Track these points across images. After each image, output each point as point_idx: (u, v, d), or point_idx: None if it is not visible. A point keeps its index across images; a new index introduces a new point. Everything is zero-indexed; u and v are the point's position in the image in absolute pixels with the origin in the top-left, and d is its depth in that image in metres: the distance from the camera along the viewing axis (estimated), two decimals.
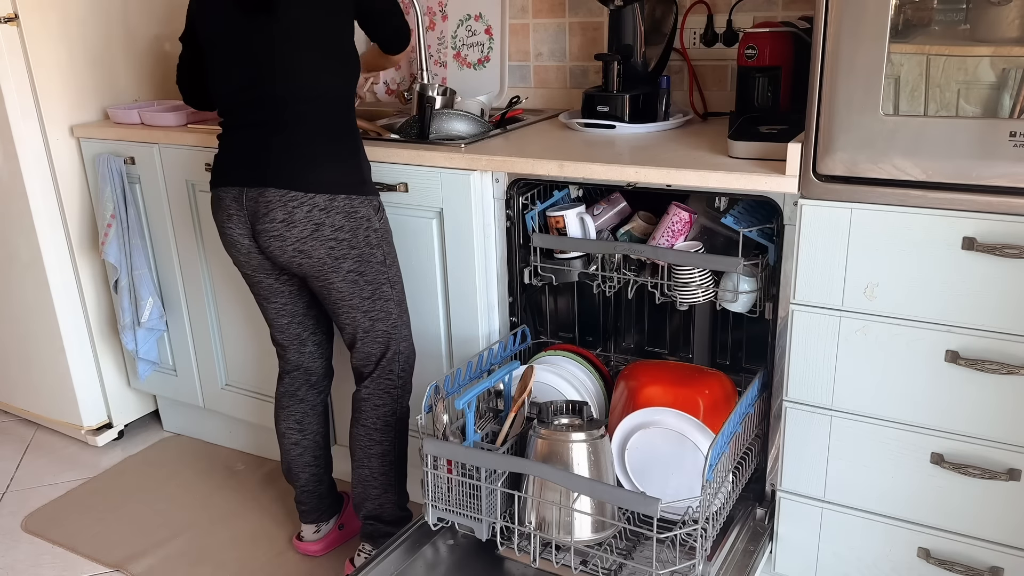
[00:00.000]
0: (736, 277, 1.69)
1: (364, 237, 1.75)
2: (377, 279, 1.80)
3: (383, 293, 1.81)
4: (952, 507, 1.52)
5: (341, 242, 1.72)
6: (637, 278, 1.83)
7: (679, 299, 1.75)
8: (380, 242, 1.78)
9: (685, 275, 1.73)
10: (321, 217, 1.69)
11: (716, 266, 1.69)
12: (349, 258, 1.74)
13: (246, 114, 1.73)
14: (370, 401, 1.88)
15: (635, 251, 1.77)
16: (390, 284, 1.82)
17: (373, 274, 1.78)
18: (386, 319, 1.83)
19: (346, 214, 1.71)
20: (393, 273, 1.83)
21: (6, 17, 2.24)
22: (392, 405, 1.89)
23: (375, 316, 1.82)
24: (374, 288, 1.80)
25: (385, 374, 1.87)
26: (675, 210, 1.74)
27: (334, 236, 1.71)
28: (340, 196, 1.70)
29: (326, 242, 1.71)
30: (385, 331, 1.84)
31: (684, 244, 1.73)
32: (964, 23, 1.31)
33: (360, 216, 1.73)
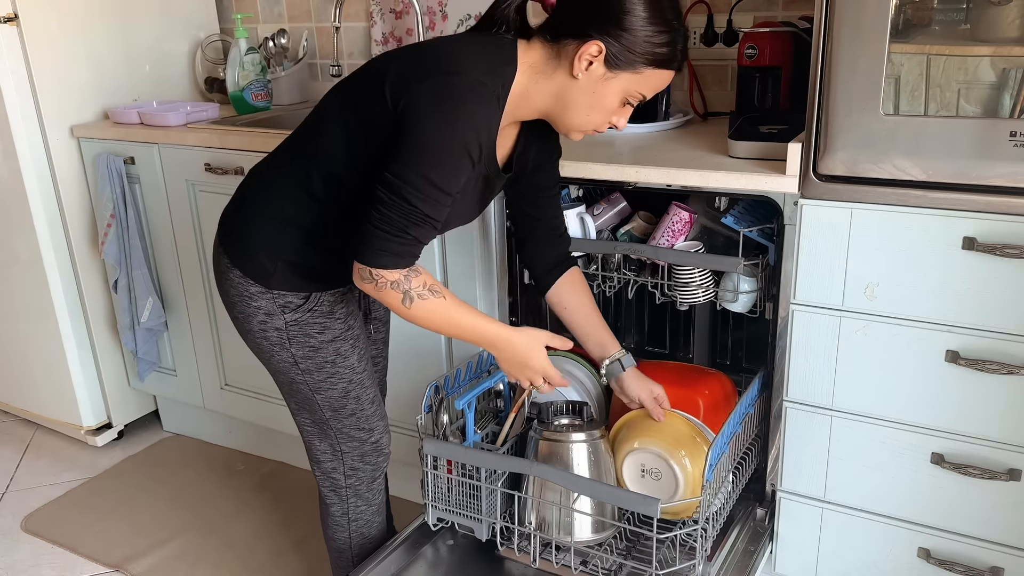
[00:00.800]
0: (736, 277, 1.69)
1: (259, 330, 1.46)
2: (287, 375, 1.51)
3: (299, 391, 1.53)
4: (952, 507, 1.52)
5: (235, 319, 1.49)
6: (637, 278, 1.83)
7: (679, 299, 1.75)
8: (284, 343, 1.46)
9: (685, 275, 1.72)
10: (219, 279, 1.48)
11: (716, 266, 1.69)
12: (247, 340, 1.51)
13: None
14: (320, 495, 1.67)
15: (635, 251, 1.77)
16: (309, 388, 1.51)
17: (279, 368, 1.51)
18: (311, 416, 1.57)
19: (237, 293, 1.45)
20: (315, 379, 1.50)
21: (6, 17, 2.24)
22: (340, 505, 1.65)
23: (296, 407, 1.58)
24: (285, 382, 1.53)
25: (328, 471, 1.63)
26: (675, 210, 1.74)
27: (229, 310, 1.49)
28: (235, 271, 1.44)
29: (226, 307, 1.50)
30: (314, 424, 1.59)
31: (684, 244, 1.73)
32: (964, 23, 1.31)
33: (254, 305, 1.44)
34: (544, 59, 1.35)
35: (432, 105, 1.25)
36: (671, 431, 1.56)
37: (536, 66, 1.35)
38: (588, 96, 1.34)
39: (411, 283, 1.32)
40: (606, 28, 1.28)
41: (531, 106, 1.38)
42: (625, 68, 1.31)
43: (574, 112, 1.36)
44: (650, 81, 1.34)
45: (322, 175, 1.38)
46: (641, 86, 1.34)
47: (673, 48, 1.31)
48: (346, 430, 1.58)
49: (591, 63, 1.30)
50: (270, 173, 1.46)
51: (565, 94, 1.35)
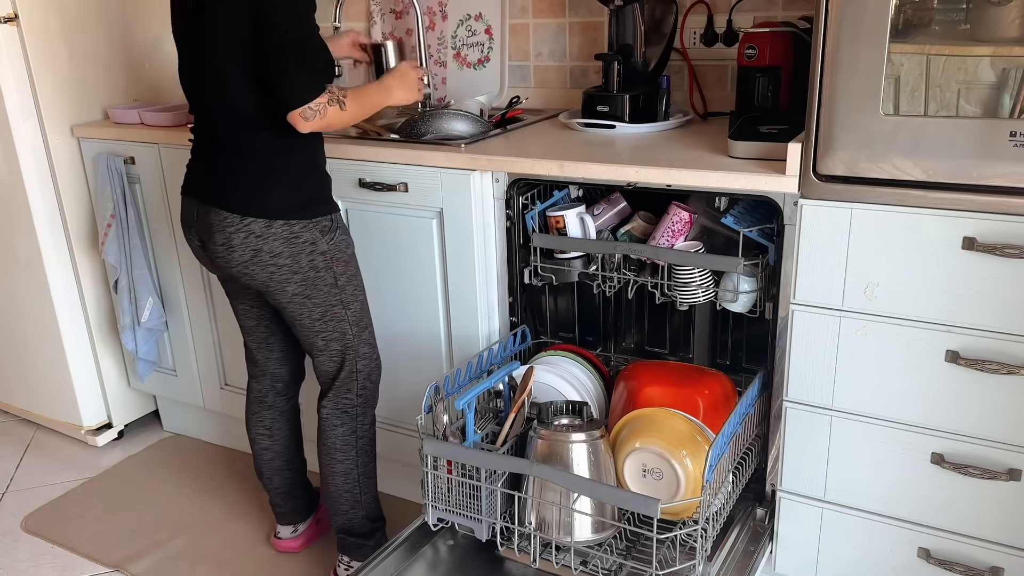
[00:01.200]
0: (736, 277, 1.69)
1: (308, 261, 1.69)
2: (327, 301, 1.74)
3: (335, 314, 1.76)
4: (952, 507, 1.52)
5: (281, 268, 1.67)
6: (637, 278, 1.83)
7: (679, 299, 1.75)
8: (329, 264, 1.71)
9: (685, 275, 1.72)
10: (258, 244, 1.65)
11: (716, 266, 1.69)
12: (292, 282, 1.69)
13: (200, 128, 1.72)
14: (328, 420, 1.85)
15: (635, 251, 1.77)
16: (343, 305, 1.76)
17: (322, 296, 1.73)
18: (340, 339, 1.78)
19: (284, 240, 1.65)
20: (348, 293, 1.76)
21: (6, 17, 2.24)
22: (350, 424, 1.85)
23: (328, 336, 1.77)
24: (324, 310, 1.74)
25: (342, 393, 1.83)
26: (675, 210, 1.74)
27: (273, 262, 1.66)
28: (278, 223, 1.64)
29: (266, 267, 1.67)
30: (339, 350, 1.79)
31: (684, 244, 1.73)
32: (964, 23, 1.31)
33: (302, 241, 1.67)
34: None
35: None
36: (672, 431, 1.56)
37: None
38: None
39: (335, 93, 1.59)
40: None
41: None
42: None
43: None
44: None
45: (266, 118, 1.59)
46: None
47: None
48: (364, 347, 1.82)
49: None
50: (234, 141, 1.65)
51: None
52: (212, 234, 1.67)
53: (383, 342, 2.06)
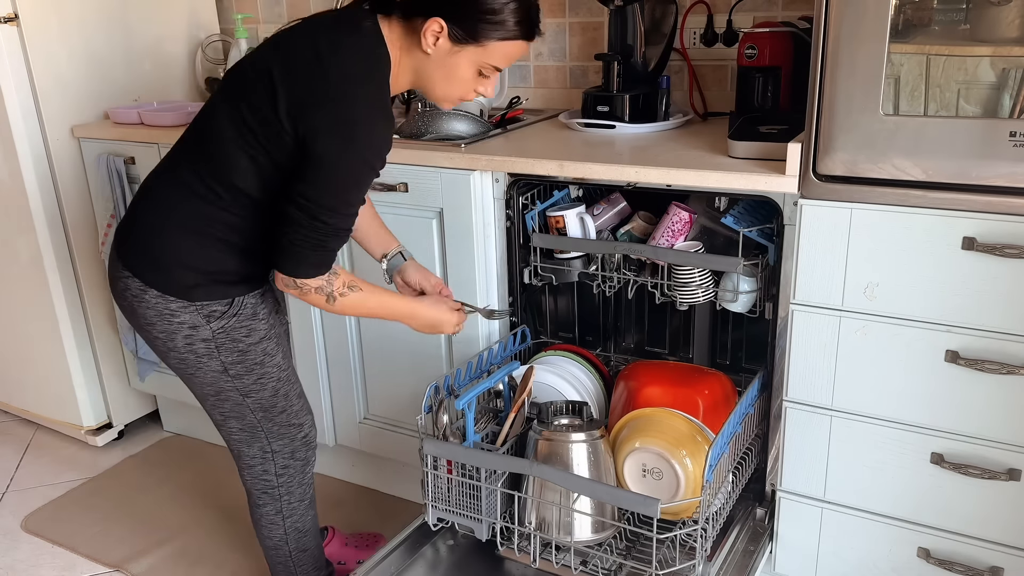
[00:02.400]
0: (736, 277, 1.69)
1: (186, 344, 1.46)
2: (216, 384, 1.51)
3: (228, 397, 1.53)
4: (952, 507, 1.52)
5: (156, 339, 1.47)
6: (637, 278, 1.83)
7: (679, 299, 1.75)
8: (213, 352, 1.47)
9: (685, 275, 1.73)
10: (133, 304, 1.45)
11: (716, 266, 1.69)
12: (170, 357, 1.50)
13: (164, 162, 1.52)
14: (250, 495, 1.69)
15: (635, 251, 1.77)
16: (239, 392, 1.52)
17: (210, 379, 1.51)
18: (240, 420, 1.57)
19: (157, 313, 1.43)
20: (246, 383, 1.52)
21: (6, 17, 2.24)
22: (274, 504, 1.67)
23: (225, 414, 1.57)
24: (215, 391, 1.53)
25: (257, 473, 1.65)
26: (675, 210, 1.74)
27: (147, 331, 1.47)
28: (152, 291, 1.42)
29: (142, 330, 1.48)
30: (242, 429, 1.59)
31: (684, 244, 1.73)
32: (964, 23, 1.31)
33: (178, 320, 1.44)
34: (401, 36, 1.40)
35: (336, 135, 1.31)
36: (672, 431, 1.56)
37: (396, 44, 1.41)
38: (441, 71, 1.40)
39: (333, 286, 1.43)
40: (447, 5, 1.34)
41: (400, 83, 1.44)
42: (469, 43, 1.36)
43: (433, 86, 1.44)
44: (499, 52, 1.38)
45: (226, 187, 1.40)
46: (490, 58, 1.39)
47: (512, 15, 1.35)
48: (277, 429, 1.61)
49: (437, 39, 1.36)
50: (171, 186, 1.45)
51: (422, 69, 1.42)
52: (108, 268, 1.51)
53: (384, 342, 2.06)
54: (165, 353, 1.50)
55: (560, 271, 1.92)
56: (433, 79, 1.42)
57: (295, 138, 1.34)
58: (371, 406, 2.17)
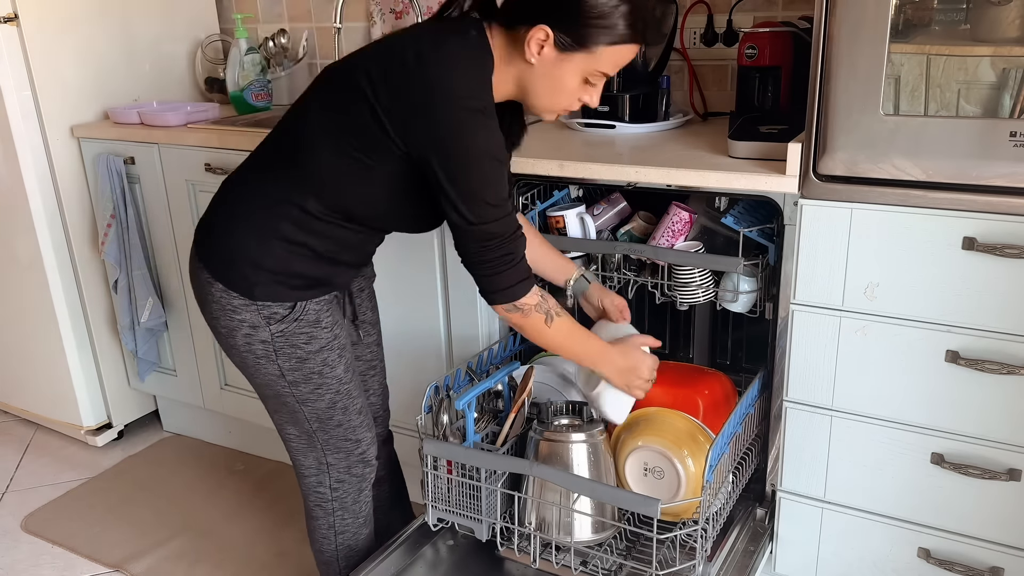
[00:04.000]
0: (736, 277, 1.69)
1: (245, 343, 1.44)
2: (273, 388, 1.50)
3: (285, 403, 1.51)
4: (952, 507, 1.51)
5: (219, 333, 1.46)
6: (637, 278, 1.83)
7: (679, 299, 1.75)
8: (271, 355, 1.44)
9: (685, 275, 1.72)
10: (202, 294, 1.44)
11: (716, 266, 1.69)
12: (233, 353, 1.48)
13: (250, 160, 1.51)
14: (305, 506, 1.66)
15: (635, 251, 1.77)
16: (296, 400, 1.50)
17: (267, 381, 1.49)
18: (297, 426, 1.56)
19: (220, 307, 1.42)
20: (302, 391, 1.49)
21: (6, 17, 2.24)
22: (326, 519, 1.64)
23: (282, 419, 1.57)
24: (274, 392, 1.51)
25: (312, 485, 1.62)
26: (675, 210, 1.74)
27: (212, 324, 1.46)
28: (217, 284, 1.41)
29: (209, 321, 1.47)
30: (298, 435, 1.58)
31: (684, 244, 1.73)
32: (964, 23, 1.31)
33: (239, 318, 1.41)
34: (503, 45, 1.35)
35: (456, 146, 1.27)
36: (673, 430, 1.56)
37: (499, 53, 1.35)
38: (546, 80, 1.34)
39: (548, 302, 1.41)
40: (552, 11, 1.27)
41: (500, 92, 1.37)
42: (576, 49, 1.30)
43: (536, 96, 1.38)
44: (608, 58, 1.32)
45: (318, 197, 1.36)
46: (599, 65, 1.32)
47: (624, 23, 1.28)
48: (333, 441, 1.56)
49: (542, 47, 1.30)
50: (254, 184, 1.43)
51: (525, 79, 1.36)
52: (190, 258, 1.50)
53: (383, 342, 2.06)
54: (227, 350, 1.49)
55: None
56: (537, 90, 1.35)
57: (404, 151, 1.30)
58: None
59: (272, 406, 1.56)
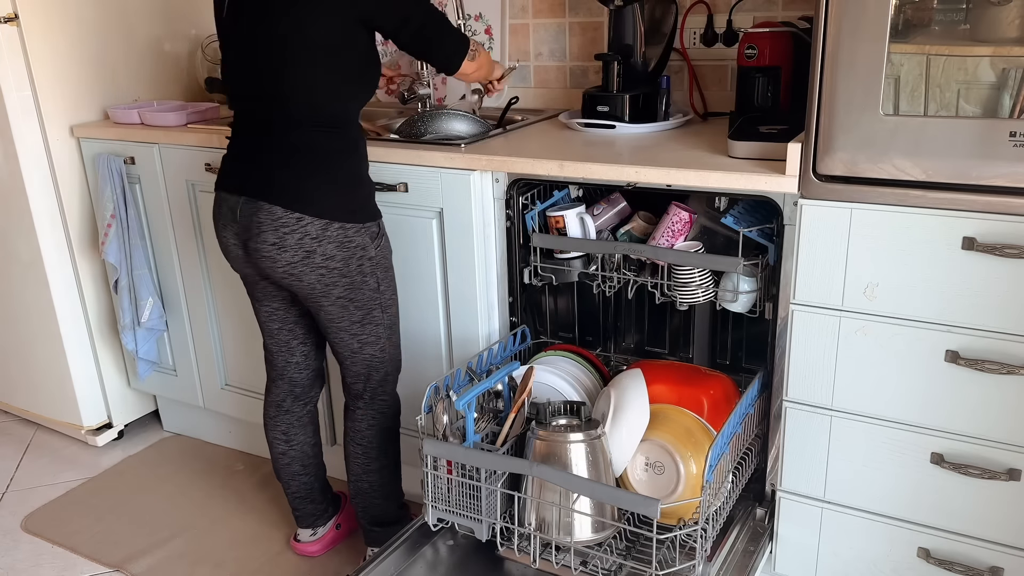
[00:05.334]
0: (736, 277, 1.69)
1: (357, 266, 1.70)
2: (368, 304, 1.76)
3: (373, 318, 1.78)
4: (952, 507, 1.52)
5: (332, 270, 1.68)
6: (637, 278, 1.83)
7: (679, 299, 1.75)
8: (374, 269, 1.73)
9: (685, 275, 1.72)
10: (312, 245, 1.64)
11: (716, 266, 1.69)
12: (339, 285, 1.70)
13: (250, 121, 1.70)
14: (364, 422, 1.87)
15: (635, 251, 1.77)
16: (381, 308, 1.78)
17: (364, 300, 1.75)
18: (375, 343, 1.80)
19: (339, 243, 1.66)
20: (387, 298, 1.79)
21: (6, 17, 2.24)
22: (386, 423, 1.89)
23: (364, 340, 1.79)
24: (364, 313, 1.76)
25: (378, 395, 1.86)
26: (675, 210, 1.74)
27: (325, 265, 1.67)
28: (334, 225, 1.65)
29: (316, 269, 1.67)
30: (373, 354, 1.81)
31: (684, 244, 1.73)
32: (964, 23, 1.31)
33: (354, 245, 1.68)
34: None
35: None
36: (680, 427, 1.57)
37: None
38: None
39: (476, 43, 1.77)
40: None
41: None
42: None
43: None
44: None
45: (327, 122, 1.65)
46: None
47: None
48: (394, 349, 1.85)
49: None
50: (295, 139, 1.65)
51: None
52: (261, 232, 1.64)
53: None
54: (334, 284, 1.69)
55: (560, 271, 1.91)
56: None
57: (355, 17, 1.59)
58: None
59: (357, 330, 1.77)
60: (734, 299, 1.70)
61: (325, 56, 1.60)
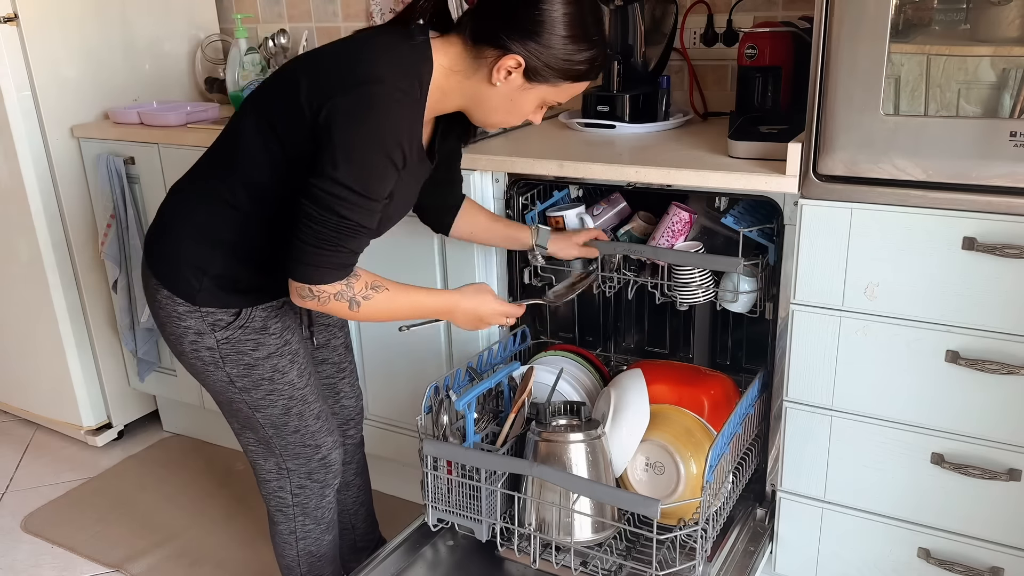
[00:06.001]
0: (736, 277, 1.69)
1: (192, 350, 1.43)
2: (226, 394, 1.49)
3: (239, 410, 1.51)
4: (952, 507, 1.51)
5: (168, 338, 1.46)
6: (637, 278, 1.83)
7: (679, 299, 1.75)
8: (218, 362, 1.43)
9: (685, 275, 1.72)
10: (150, 302, 1.45)
11: (716, 266, 1.69)
12: (183, 360, 1.47)
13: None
14: (267, 510, 1.66)
15: (635, 251, 1.77)
16: (248, 407, 1.48)
17: (218, 388, 1.48)
18: (255, 432, 1.55)
19: (166, 314, 1.42)
20: (254, 397, 1.47)
21: (6, 17, 2.24)
22: (287, 524, 1.64)
23: (241, 425, 1.57)
24: (227, 400, 1.50)
25: (273, 489, 1.61)
26: (675, 210, 1.74)
27: (161, 330, 1.46)
28: (163, 292, 1.40)
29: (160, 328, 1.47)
30: (257, 441, 1.57)
31: (684, 244, 1.73)
32: (964, 23, 1.30)
33: (184, 325, 1.41)
34: (462, 59, 1.34)
35: (353, 117, 1.24)
36: (681, 427, 1.57)
37: (454, 65, 1.35)
38: (506, 102, 1.37)
39: (354, 290, 1.32)
40: (525, 42, 1.29)
41: (449, 103, 1.39)
42: (543, 81, 1.34)
43: (491, 113, 1.40)
44: (567, 92, 1.38)
45: (244, 186, 1.36)
46: (558, 96, 1.38)
47: (591, 64, 1.35)
48: (291, 447, 1.55)
49: (510, 74, 1.32)
50: (190, 189, 1.43)
51: (482, 97, 1.37)
52: None
53: (383, 342, 2.06)
54: (177, 356, 1.48)
55: (560, 271, 1.91)
56: (494, 107, 1.38)
57: (312, 123, 1.26)
58: (371, 406, 2.17)
59: (227, 412, 1.56)
60: (734, 299, 1.70)
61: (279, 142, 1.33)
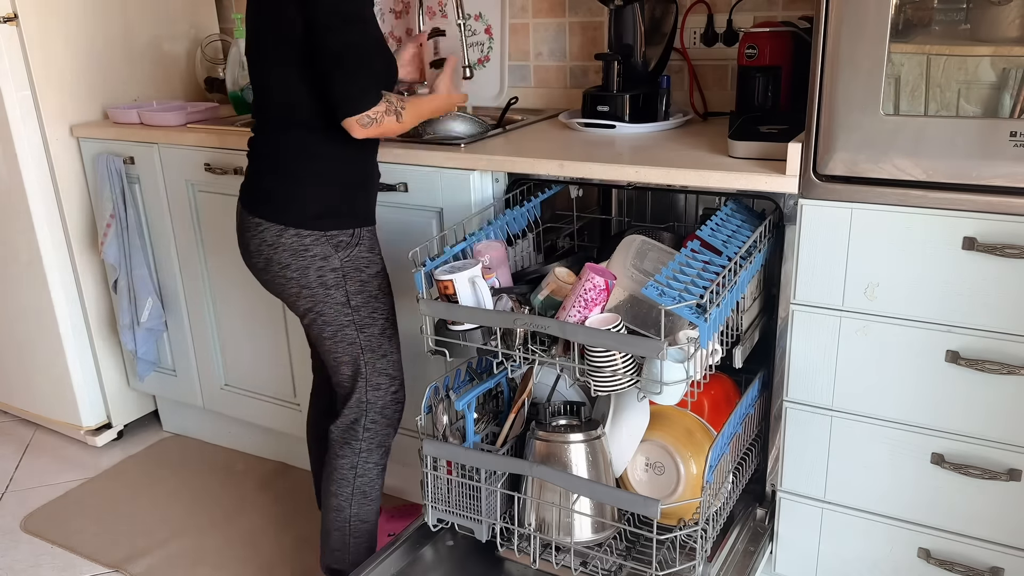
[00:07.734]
0: (658, 363, 1.30)
1: (317, 277, 1.60)
2: (337, 321, 1.64)
3: (345, 336, 1.65)
4: (952, 507, 1.51)
5: (290, 280, 1.61)
6: (544, 359, 1.42)
7: (593, 387, 1.36)
8: (340, 281, 1.61)
9: (599, 358, 1.34)
10: (269, 253, 1.59)
11: (632, 349, 1.30)
12: (302, 297, 1.62)
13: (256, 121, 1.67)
14: (331, 446, 1.74)
15: (536, 325, 1.37)
16: (355, 327, 1.65)
17: (332, 315, 1.63)
18: (351, 363, 1.68)
19: (293, 251, 1.58)
20: (362, 315, 1.65)
21: (6, 17, 2.24)
22: (351, 458, 1.73)
23: (339, 358, 1.68)
24: (335, 329, 1.65)
25: (348, 422, 1.72)
26: (588, 274, 1.37)
27: (282, 274, 1.60)
28: (289, 231, 1.57)
29: (276, 278, 1.62)
30: (350, 375, 1.69)
31: (599, 318, 1.36)
32: (964, 23, 1.30)
33: (311, 254, 1.58)
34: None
35: None
36: (681, 428, 1.56)
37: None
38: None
39: (393, 103, 1.54)
40: None
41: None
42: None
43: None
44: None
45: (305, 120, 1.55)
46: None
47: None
48: (376, 376, 1.70)
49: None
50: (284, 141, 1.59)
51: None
52: (241, 235, 1.64)
53: None
54: (297, 295, 1.62)
55: (454, 346, 1.53)
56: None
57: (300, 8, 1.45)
58: None
59: (331, 346, 1.67)
60: (658, 391, 1.32)
61: (293, 51, 1.51)
